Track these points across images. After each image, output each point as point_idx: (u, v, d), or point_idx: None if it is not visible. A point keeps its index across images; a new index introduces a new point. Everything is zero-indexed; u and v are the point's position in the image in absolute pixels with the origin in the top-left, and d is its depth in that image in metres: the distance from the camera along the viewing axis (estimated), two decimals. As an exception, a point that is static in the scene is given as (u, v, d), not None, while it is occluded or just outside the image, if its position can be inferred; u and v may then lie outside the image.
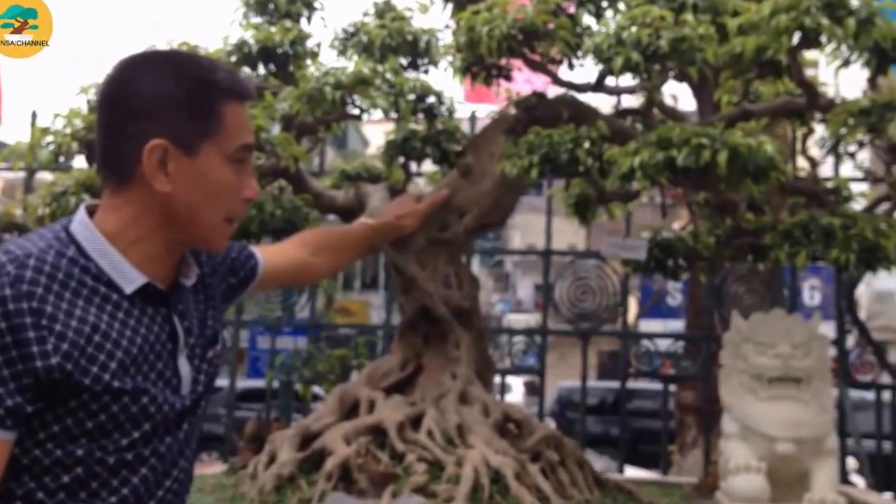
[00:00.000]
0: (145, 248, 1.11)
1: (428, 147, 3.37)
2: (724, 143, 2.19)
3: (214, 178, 1.12)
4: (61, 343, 1.00)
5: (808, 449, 2.76)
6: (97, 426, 1.04)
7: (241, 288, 1.43)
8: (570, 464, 3.02)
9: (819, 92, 2.64)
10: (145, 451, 1.09)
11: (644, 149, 2.27)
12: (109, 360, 1.04)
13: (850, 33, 2.24)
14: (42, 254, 1.03)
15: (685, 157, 2.19)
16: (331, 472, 2.73)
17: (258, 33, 2.97)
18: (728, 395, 2.92)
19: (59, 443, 1.03)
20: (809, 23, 2.26)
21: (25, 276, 1.00)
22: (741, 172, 2.23)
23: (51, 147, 2.66)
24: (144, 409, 1.07)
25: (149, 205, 1.10)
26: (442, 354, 3.15)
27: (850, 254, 2.42)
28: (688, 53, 2.33)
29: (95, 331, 1.03)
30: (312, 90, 2.64)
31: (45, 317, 1.00)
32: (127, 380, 1.05)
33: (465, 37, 2.66)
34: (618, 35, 2.32)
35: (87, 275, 1.06)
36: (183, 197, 1.10)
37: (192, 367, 1.17)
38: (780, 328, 2.82)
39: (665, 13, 2.37)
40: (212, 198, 1.12)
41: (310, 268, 1.77)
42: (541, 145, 2.57)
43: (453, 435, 2.90)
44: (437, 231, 3.12)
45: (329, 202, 3.42)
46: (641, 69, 2.35)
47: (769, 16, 2.34)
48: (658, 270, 3.24)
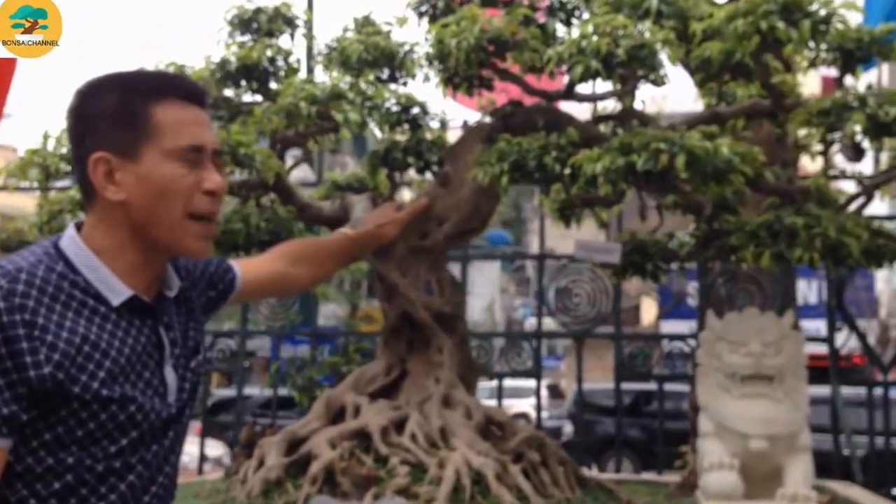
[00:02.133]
0: (125, 259, 1.16)
1: (410, 157, 3.45)
2: (681, 147, 2.25)
3: (160, 177, 1.15)
4: (53, 353, 1.05)
5: (781, 445, 2.81)
6: (87, 434, 1.09)
7: (221, 300, 1.48)
8: (552, 463, 3.08)
9: (784, 94, 2.69)
10: (132, 459, 1.14)
11: (606, 154, 2.34)
12: (98, 369, 1.09)
13: (805, 36, 2.29)
14: (33, 268, 1.09)
15: (644, 162, 2.25)
16: (315, 476, 2.81)
17: (239, 51, 3.07)
18: (704, 394, 2.97)
19: (50, 450, 1.07)
20: (765, 27, 2.32)
21: (17, 289, 1.06)
22: (700, 175, 2.30)
23: (38, 168, 2.76)
24: (132, 417, 1.12)
25: (113, 217, 1.16)
26: (425, 359, 3.23)
27: (814, 252, 2.47)
28: (648, 59, 2.40)
29: (85, 341, 1.08)
30: (290, 105, 2.73)
31: (37, 328, 1.05)
32: (115, 388, 1.10)
33: (435, 49, 2.74)
34: (577, 44, 2.39)
35: (75, 288, 1.11)
36: (136, 202, 1.15)
37: (177, 376, 1.22)
38: (752, 327, 2.87)
39: (626, 21, 2.44)
40: (162, 196, 1.15)
41: (288, 279, 1.81)
42: (510, 153, 2.64)
43: (436, 438, 2.96)
44: (418, 239, 3.20)
45: (315, 213, 3.51)
46: (603, 76, 2.42)
47: (727, 20, 2.40)
48: (637, 273, 3.30)
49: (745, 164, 2.31)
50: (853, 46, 2.50)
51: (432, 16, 3.12)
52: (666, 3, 2.61)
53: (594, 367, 9.59)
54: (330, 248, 2.14)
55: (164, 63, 3.34)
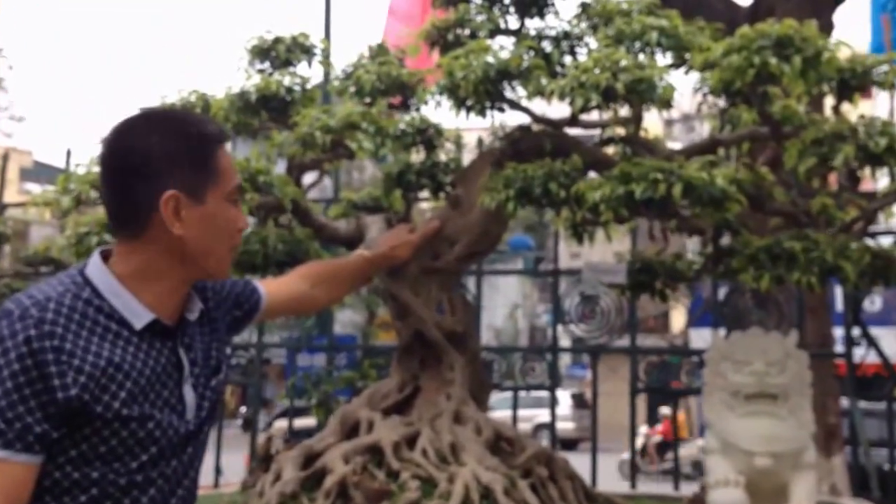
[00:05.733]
0: (158, 287, 1.27)
1: (423, 179, 3.57)
2: (679, 176, 2.34)
3: (221, 219, 1.30)
4: (79, 376, 1.15)
5: (785, 463, 2.86)
6: (109, 450, 1.19)
7: (246, 319, 1.59)
8: (561, 479, 3.16)
9: (781, 122, 2.76)
10: (153, 473, 1.23)
11: (606, 183, 2.43)
12: (120, 390, 1.18)
13: (796, 71, 2.37)
14: (61, 297, 1.20)
15: (643, 191, 2.35)
16: (329, 490, 2.92)
17: (258, 82, 3.22)
18: (709, 412, 3.04)
19: (76, 466, 1.17)
20: (759, 62, 2.40)
21: (47, 317, 1.16)
22: (697, 203, 2.38)
23: (72, 195, 2.92)
24: (151, 434, 1.22)
25: (164, 248, 1.26)
26: (437, 377, 3.33)
27: (812, 276, 2.54)
28: (646, 93, 2.49)
29: (109, 364, 1.18)
30: (305, 135, 2.86)
31: (64, 353, 1.15)
32: (135, 407, 1.19)
33: (446, 81, 2.86)
34: (578, 78, 2.49)
35: (100, 314, 1.21)
36: (195, 238, 1.27)
37: (196, 395, 1.31)
38: (755, 346, 2.93)
39: (625, 55, 2.54)
40: (220, 235, 1.31)
41: (310, 299, 1.92)
42: (516, 179, 2.74)
43: (447, 453, 3.06)
44: (430, 260, 3.31)
45: (332, 233, 3.64)
46: (603, 108, 2.52)
47: (723, 55, 2.49)
48: (644, 291, 3.38)
49: (742, 193, 2.38)
50: (848, 76, 2.57)
51: (444, 46, 3.24)
52: (666, 35, 2.70)
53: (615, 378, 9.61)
54: (348, 269, 2.24)
55: (186, 91, 3.51)
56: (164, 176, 1.25)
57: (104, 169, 1.30)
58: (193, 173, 1.27)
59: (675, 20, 2.82)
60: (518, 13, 3.39)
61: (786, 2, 5.68)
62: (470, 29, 3.17)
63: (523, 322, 23.94)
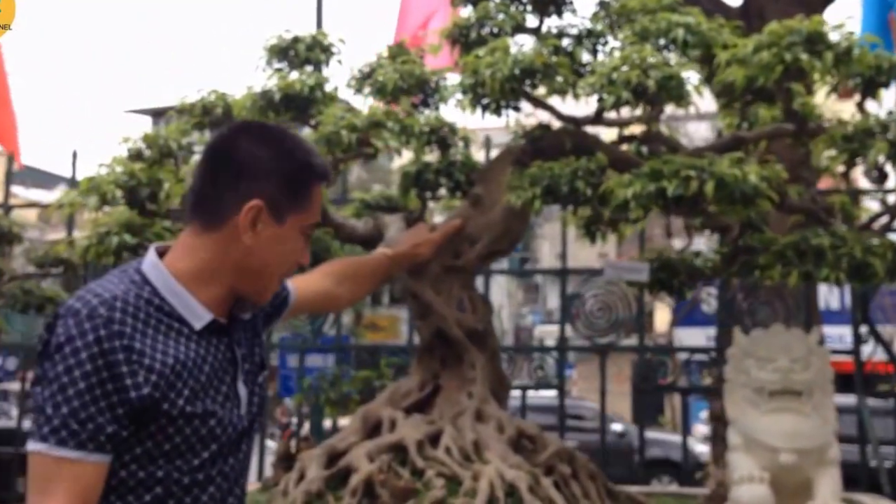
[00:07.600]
0: (213, 288, 1.27)
1: (441, 178, 3.57)
2: (711, 173, 2.35)
3: (290, 246, 1.30)
4: (150, 375, 1.16)
5: (809, 459, 2.88)
6: (173, 448, 1.19)
7: (276, 316, 1.59)
8: (583, 476, 3.16)
9: (806, 118, 2.78)
10: (213, 471, 1.24)
11: (637, 181, 2.44)
12: (185, 387, 1.20)
13: (828, 67, 2.38)
14: (125, 295, 1.20)
15: (675, 188, 2.35)
16: (355, 488, 2.91)
17: (280, 81, 3.21)
18: (732, 409, 3.05)
19: (141, 464, 1.18)
20: (790, 58, 2.41)
21: (115, 317, 1.16)
22: (729, 200, 2.39)
23: (96, 195, 2.90)
24: (212, 431, 1.23)
25: (227, 251, 1.26)
26: (458, 375, 3.33)
27: (840, 272, 2.55)
28: (675, 90, 2.50)
29: (176, 362, 1.19)
30: (330, 133, 2.86)
31: (134, 352, 1.16)
32: (198, 404, 1.21)
33: (470, 79, 2.86)
34: (608, 75, 2.50)
35: (161, 312, 1.22)
36: (259, 253, 1.26)
37: (247, 390, 1.32)
38: (779, 343, 2.95)
39: (654, 52, 2.54)
40: (282, 260, 1.30)
41: (334, 297, 1.91)
42: (542, 178, 2.75)
43: (470, 451, 3.06)
44: (451, 258, 3.30)
45: (350, 232, 3.63)
46: (633, 105, 2.52)
47: (753, 52, 2.50)
48: (663, 289, 3.39)
49: (772, 189, 2.39)
50: (874, 73, 2.59)
51: (465, 44, 3.24)
52: (692, 32, 2.71)
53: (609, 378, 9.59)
54: (370, 266, 2.22)
55: (205, 90, 3.50)
56: (257, 185, 1.26)
57: (209, 157, 1.31)
58: (284, 194, 1.27)
59: (700, 17, 2.83)
60: (536, 11, 3.39)
61: (776, 2, 5.70)
62: (492, 27, 3.17)
63: (509, 323, 23.93)
